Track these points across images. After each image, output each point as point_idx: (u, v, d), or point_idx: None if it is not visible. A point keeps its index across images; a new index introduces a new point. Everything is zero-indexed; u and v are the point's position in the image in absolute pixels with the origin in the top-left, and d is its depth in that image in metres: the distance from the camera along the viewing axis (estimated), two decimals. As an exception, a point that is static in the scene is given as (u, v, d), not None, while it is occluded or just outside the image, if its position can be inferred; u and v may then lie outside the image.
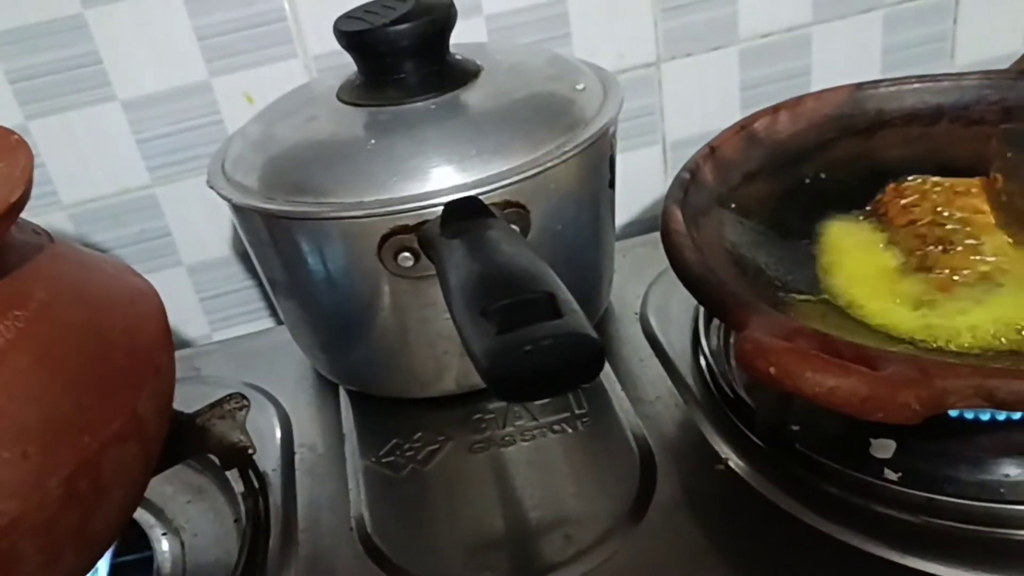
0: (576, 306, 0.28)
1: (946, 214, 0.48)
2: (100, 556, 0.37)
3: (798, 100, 0.56)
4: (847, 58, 0.70)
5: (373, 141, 0.45)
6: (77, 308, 0.37)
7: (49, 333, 0.35)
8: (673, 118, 0.70)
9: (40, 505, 0.32)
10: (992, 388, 0.34)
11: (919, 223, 0.49)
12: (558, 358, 0.27)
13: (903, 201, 0.50)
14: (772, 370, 0.34)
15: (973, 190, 0.49)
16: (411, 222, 0.43)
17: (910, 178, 0.52)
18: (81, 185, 0.62)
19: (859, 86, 0.56)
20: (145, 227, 0.65)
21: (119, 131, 0.61)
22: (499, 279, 0.30)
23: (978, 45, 0.72)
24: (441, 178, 0.44)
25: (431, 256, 0.40)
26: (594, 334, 0.27)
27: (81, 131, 0.61)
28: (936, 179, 0.51)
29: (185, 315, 0.69)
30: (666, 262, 0.46)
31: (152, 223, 0.65)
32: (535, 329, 0.27)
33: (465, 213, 0.38)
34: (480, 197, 0.42)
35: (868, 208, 0.52)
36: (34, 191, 0.61)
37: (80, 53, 0.58)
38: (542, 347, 0.27)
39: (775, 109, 0.55)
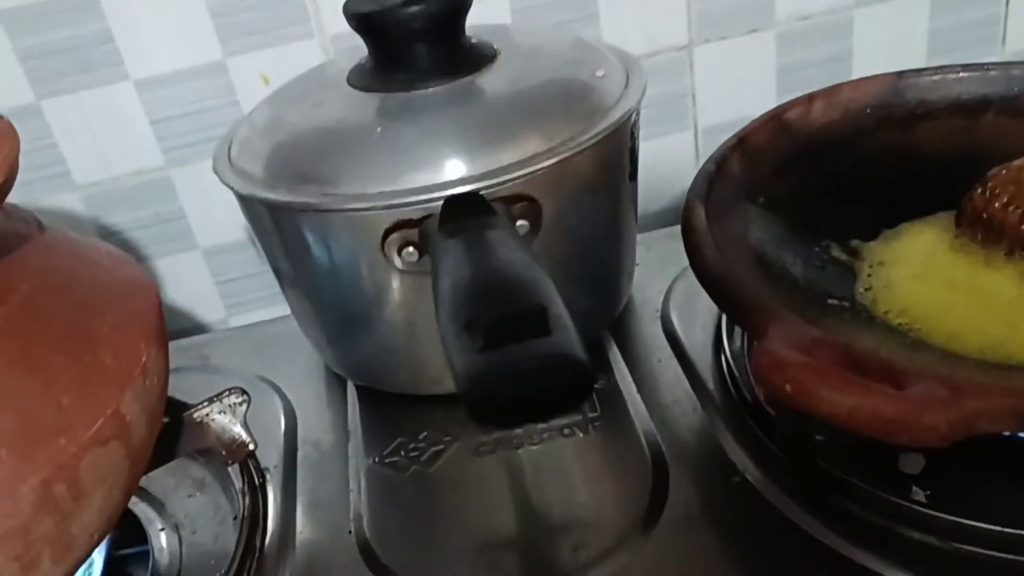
0: (568, 322, 0.26)
1: None
2: (82, 561, 0.35)
3: (834, 89, 0.53)
4: (891, 43, 0.66)
5: (379, 129, 0.44)
6: (63, 302, 0.36)
7: (30, 329, 0.34)
8: (706, 103, 0.67)
9: (13, 511, 0.31)
10: (1029, 412, 0.31)
11: None
12: (542, 381, 0.24)
13: (1000, 200, 0.45)
14: (788, 387, 0.32)
15: None
16: (415, 216, 0.41)
17: (989, 174, 0.47)
18: (94, 166, 0.61)
19: (900, 75, 0.53)
20: (160, 209, 0.64)
21: (133, 111, 0.60)
22: (489, 289, 0.28)
23: (1032, 30, 0.68)
24: (448, 169, 0.41)
25: (431, 254, 0.38)
26: (583, 356, 0.25)
27: (94, 111, 0.59)
28: (1015, 163, 0.46)
29: (201, 299, 0.68)
30: (692, 256, 0.44)
31: (167, 205, 0.64)
32: (520, 348, 0.25)
33: (466, 210, 0.36)
34: (488, 190, 0.40)
35: (959, 221, 0.47)
36: (47, 172, 0.61)
37: (92, 31, 0.57)
38: (526, 369, 0.24)
39: (809, 98, 0.52)
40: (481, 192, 0.40)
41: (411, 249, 0.42)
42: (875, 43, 0.66)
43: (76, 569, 0.35)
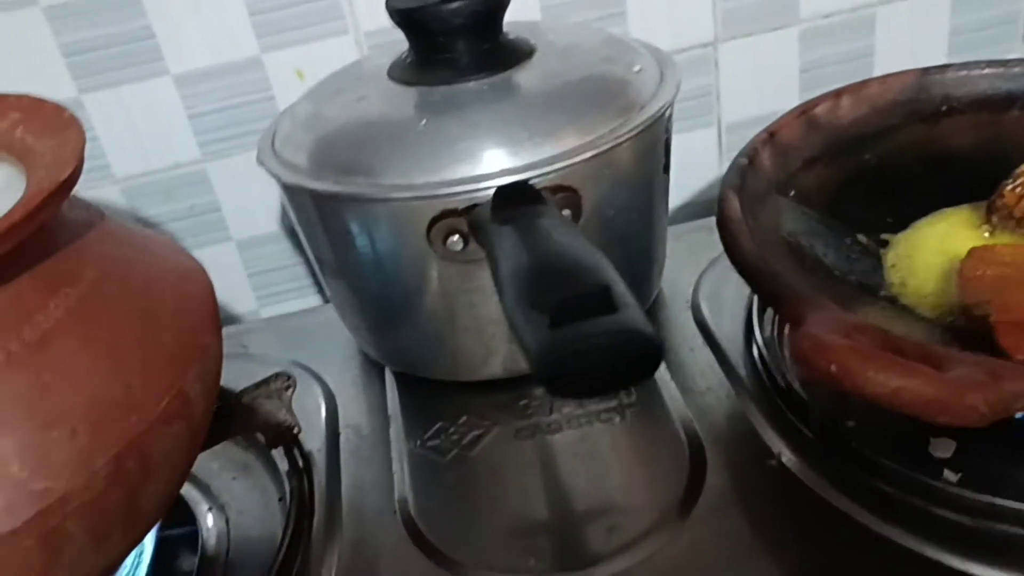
0: (632, 299, 0.27)
1: None
2: (146, 534, 0.37)
3: (861, 84, 0.54)
4: (912, 40, 0.68)
5: (424, 122, 0.45)
6: (126, 288, 0.37)
7: (98, 313, 0.35)
8: (730, 100, 0.68)
9: (88, 484, 0.32)
10: (1065, 393, 0.32)
11: None
12: (613, 355, 0.26)
13: None
14: (833, 368, 0.33)
15: None
16: (460, 205, 0.42)
17: (1019, 170, 0.48)
18: (133, 159, 0.63)
19: (926, 71, 0.54)
20: (195, 202, 0.65)
21: (171, 106, 0.61)
22: (552, 271, 0.29)
23: (1052, 27, 0.69)
24: (492, 161, 0.43)
25: (481, 242, 0.39)
26: (651, 331, 0.26)
27: (134, 105, 0.61)
28: None
29: (234, 291, 0.69)
30: (720, 248, 0.45)
31: (202, 198, 0.65)
32: (590, 324, 0.26)
33: (516, 198, 0.37)
34: (531, 181, 0.42)
35: (989, 215, 0.49)
36: (87, 165, 0.61)
37: (133, 27, 0.58)
38: (597, 344, 0.26)
39: (837, 93, 0.53)
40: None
41: (456, 238, 0.43)
42: (897, 40, 0.67)
43: (140, 541, 0.36)
